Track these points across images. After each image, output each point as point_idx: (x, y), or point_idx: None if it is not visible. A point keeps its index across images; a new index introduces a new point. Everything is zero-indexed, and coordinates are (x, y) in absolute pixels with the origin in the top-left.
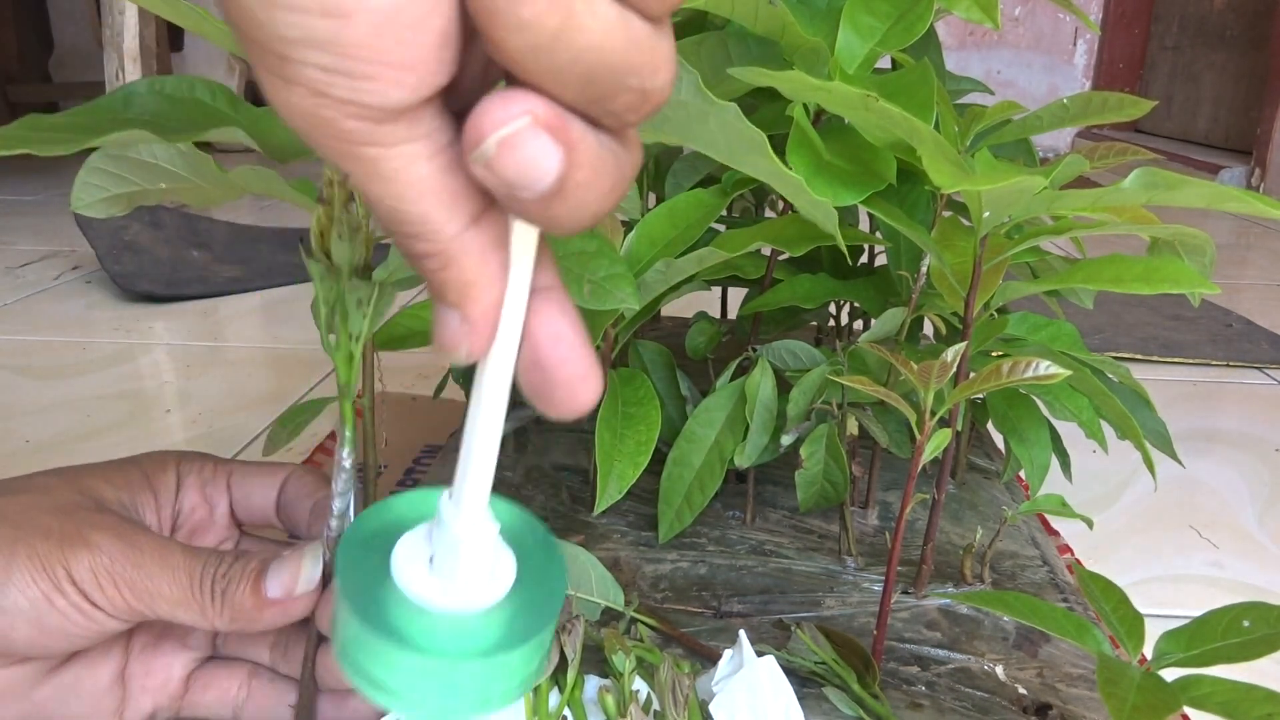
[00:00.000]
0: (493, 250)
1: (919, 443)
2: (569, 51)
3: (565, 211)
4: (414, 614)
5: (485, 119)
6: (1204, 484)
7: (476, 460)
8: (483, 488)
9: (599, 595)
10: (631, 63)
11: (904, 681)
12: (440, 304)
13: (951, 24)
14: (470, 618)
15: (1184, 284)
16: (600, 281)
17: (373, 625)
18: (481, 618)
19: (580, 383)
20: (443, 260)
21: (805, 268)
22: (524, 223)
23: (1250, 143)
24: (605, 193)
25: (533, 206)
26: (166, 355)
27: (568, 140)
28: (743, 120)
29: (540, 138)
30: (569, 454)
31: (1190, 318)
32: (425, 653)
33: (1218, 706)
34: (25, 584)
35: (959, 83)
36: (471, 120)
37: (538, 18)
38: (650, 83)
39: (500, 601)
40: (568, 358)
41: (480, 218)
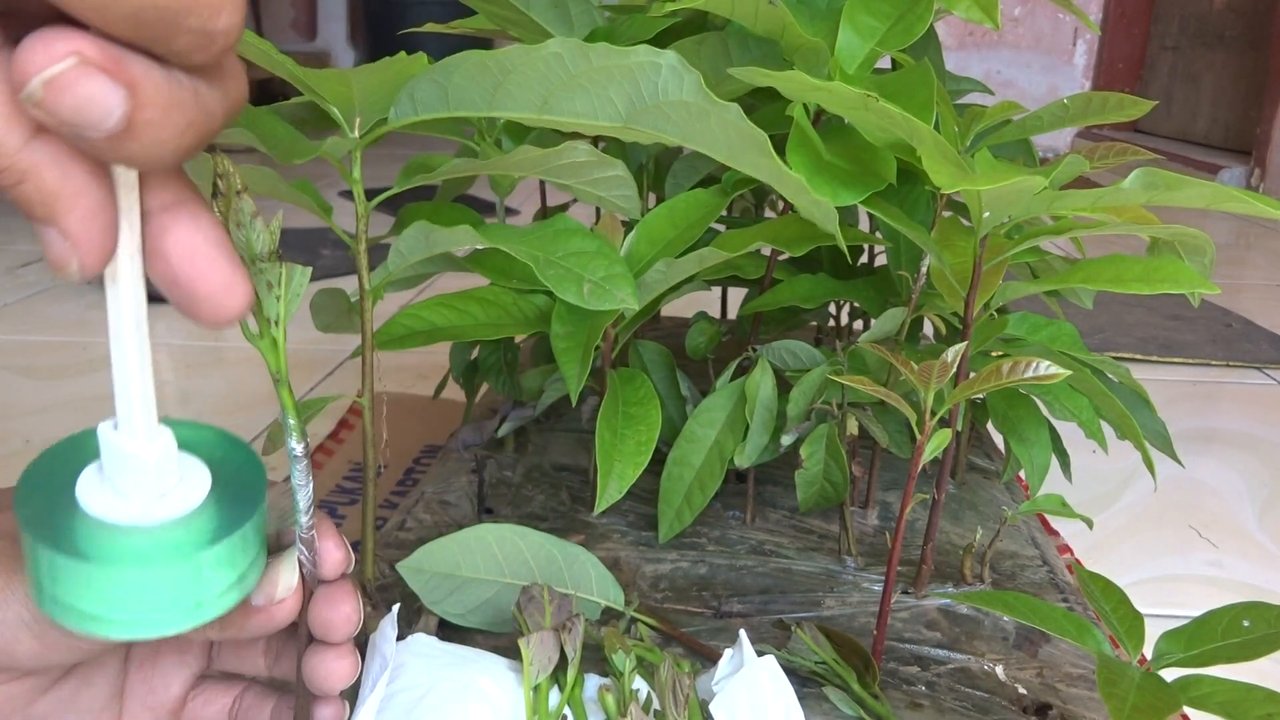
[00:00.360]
0: (72, 160)
1: (919, 443)
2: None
3: (140, 149)
4: (102, 532)
5: (28, 60)
6: (1204, 484)
7: (129, 376)
8: (142, 400)
9: (599, 595)
10: (186, 5)
11: (904, 681)
12: (34, 222)
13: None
14: (164, 526)
15: (1184, 284)
16: (600, 281)
17: (63, 550)
18: (175, 525)
19: (223, 294)
20: (14, 175)
21: (805, 268)
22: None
23: (1250, 143)
24: (184, 129)
25: (103, 145)
26: (166, 355)
27: (128, 79)
28: (745, 120)
29: (94, 78)
30: (569, 454)
31: (1190, 318)
32: (116, 564)
33: (1218, 706)
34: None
35: (959, 83)
36: (15, 60)
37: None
38: (211, 24)
39: (191, 511)
40: (205, 271)
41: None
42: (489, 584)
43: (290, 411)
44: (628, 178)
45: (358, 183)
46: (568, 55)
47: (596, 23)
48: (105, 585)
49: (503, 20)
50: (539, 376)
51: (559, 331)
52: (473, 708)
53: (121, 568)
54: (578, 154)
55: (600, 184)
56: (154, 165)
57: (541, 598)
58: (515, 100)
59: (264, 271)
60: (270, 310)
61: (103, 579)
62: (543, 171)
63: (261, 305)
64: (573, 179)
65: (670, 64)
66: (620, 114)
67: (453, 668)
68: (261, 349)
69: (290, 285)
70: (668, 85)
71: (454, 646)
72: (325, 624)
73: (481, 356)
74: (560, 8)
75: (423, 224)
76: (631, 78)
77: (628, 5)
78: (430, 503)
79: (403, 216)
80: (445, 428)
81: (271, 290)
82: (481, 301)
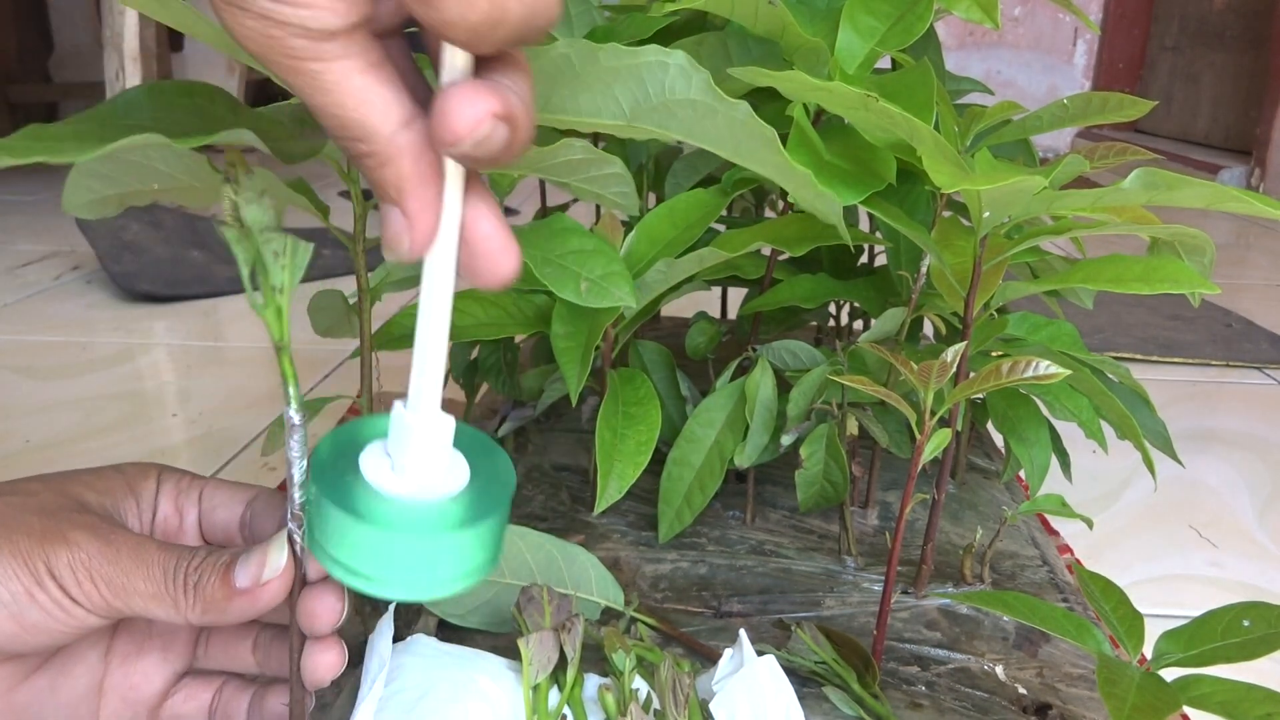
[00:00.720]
0: (425, 150)
1: (919, 443)
2: (503, 29)
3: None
4: (379, 501)
5: (457, 123)
6: (1204, 484)
7: (428, 357)
8: (434, 383)
9: (599, 595)
10: (539, 9)
11: (904, 681)
12: (383, 202)
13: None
14: (429, 504)
15: (1184, 284)
16: (597, 280)
17: (344, 509)
18: (439, 504)
19: (501, 254)
20: (380, 159)
21: (805, 268)
22: None
23: (1250, 143)
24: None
25: (484, 165)
26: (167, 355)
27: (513, 119)
28: (754, 118)
29: (501, 128)
30: (569, 454)
31: (1190, 318)
32: (389, 529)
33: (1218, 706)
34: (7, 578)
35: (959, 83)
36: (442, 120)
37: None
38: (549, 16)
39: (457, 493)
40: (489, 234)
41: (411, 122)
42: (488, 584)
43: (290, 380)
44: (625, 175)
45: (355, 182)
46: (576, 55)
47: (596, 22)
48: (372, 546)
49: None
50: (539, 376)
51: (559, 331)
52: (472, 707)
53: (390, 533)
54: (574, 151)
55: (597, 181)
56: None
57: (541, 598)
58: None
59: (270, 242)
60: (276, 279)
61: (372, 540)
62: (540, 169)
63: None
64: (570, 177)
65: (679, 63)
66: (625, 112)
67: (452, 668)
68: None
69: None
70: (675, 84)
71: (453, 646)
72: (311, 616)
73: (481, 356)
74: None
75: None
76: (638, 76)
77: (628, 5)
78: None
79: None
80: None
81: (277, 259)
82: (481, 301)
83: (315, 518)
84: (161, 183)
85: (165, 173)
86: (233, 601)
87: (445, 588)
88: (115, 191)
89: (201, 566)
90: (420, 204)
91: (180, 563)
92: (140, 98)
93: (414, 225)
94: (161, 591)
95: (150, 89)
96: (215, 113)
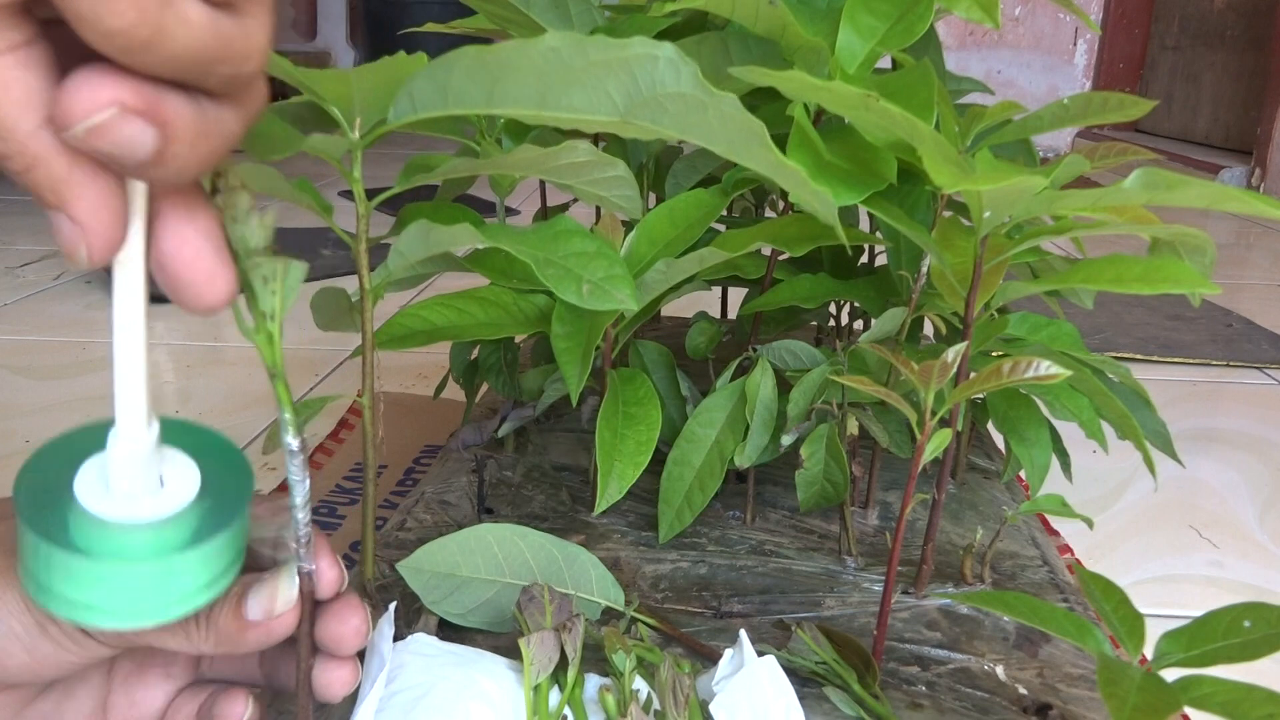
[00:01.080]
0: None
1: (919, 443)
2: (158, 54)
3: (166, 174)
4: (93, 527)
5: (73, 105)
6: (1204, 484)
7: (126, 371)
8: (136, 397)
9: (599, 595)
10: (221, 56)
11: (904, 681)
12: (45, 208)
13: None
14: (148, 525)
15: (1184, 284)
16: (599, 282)
17: (54, 541)
18: (159, 525)
19: (206, 283)
20: (26, 160)
21: (805, 268)
22: None
23: (1250, 143)
24: (209, 154)
25: (133, 172)
26: (166, 355)
27: (161, 120)
28: (743, 111)
29: (132, 122)
30: (569, 454)
31: (1190, 318)
32: (102, 558)
33: (1218, 707)
34: (20, 611)
35: (959, 83)
36: (60, 103)
37: (127, 29)
38: (241, 69)
39: (178, 511)
40: (192, 260)
41: None
42: (489, 584)
43: (286, 406)
44: (628, 177)
45: (358, 182)
46: (564, 49)
47: (596, 22)
48: (89, 576)
49: (502, 20)
50: (539, 376)
51: (559, 331)
52: (473, 707)
53: (106, 562)
54: (578, 153)
55: (600, 184)
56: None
57: (542, 598)
58: (513, 96)
59: (259, 266)
60: (266, 304)
61: (87, 570)
62: (543, 171)
63: (257, 299)
64: (573, 179)
65: (668, 56)
66: (618, 108)
67: (453, 667)
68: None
69: (286, 280)
70: (665, 77)
71: (454, 646)
72: (336, 639)
73: (481, 356)
74: (560, 8)
75: (423, 223)
76: (628, 70)
77: (628, 5)
78: (430, 503)
79: (403, 216)
80: (445, 428)
81: (267, 284)
82: (481, 301)
83: (25, 550)
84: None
85: None
86: (246, 634)
87: (177, 609)
88: None
89: None
90: (89, 207)
91: None
92: None
93: (88, 231)
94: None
95: None
96: None
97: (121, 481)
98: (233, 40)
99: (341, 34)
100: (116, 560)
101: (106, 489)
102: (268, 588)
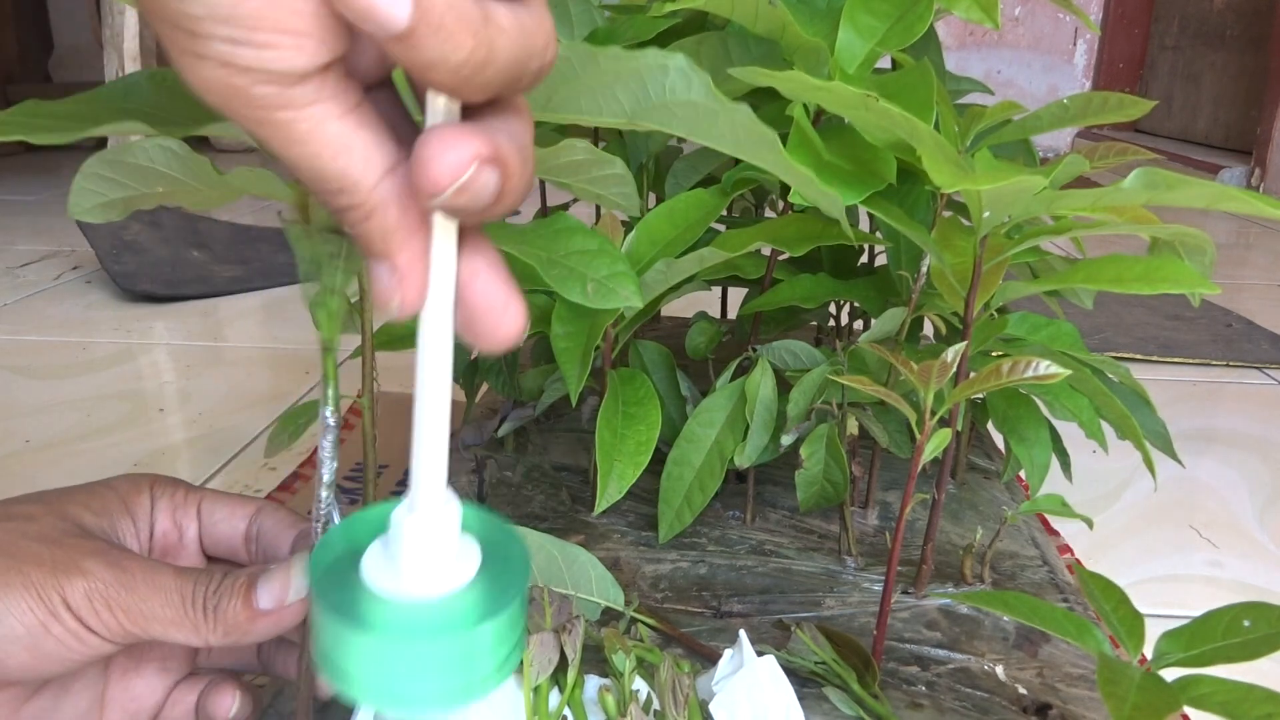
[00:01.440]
0: (411, 198)
1: (919, 443)
2: (491, 71)
3: (503, 210)
4: (380, 605)
5: (441, 170)
6: (1204, 484)
7: (427, 436)
8: (437, 467)
9: (599, 595)
10: (531, 52)
11: (904, 681)
12: (370, 257)
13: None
14: (433, 603)
15: (1184, 284)
16: (603, 280)
17: (342, 616)
18: (444, 603)
19: (502, 313)
20: (364, 211)
21: (805, 268)
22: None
23: (1250, 143)
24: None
25: (475, 216)
26: (166, 355)
27: (500, 158)
28: (755, 120)
29: (486, 171)
30: (569, 454)
31: (1190, 318)
32: (387, 636)
33: (1218, 706)
34: (22, 611)
35: (959, 83)
36: (425, 169)
37: (469, 57)
38: (544, 59)
39: (464, 588)
40: (487, 291)
41: (395, 169)
42: None
43: (331, 380)
44: (627, 175)
45: None
46: (576, 59)
47: (596, 23)
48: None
49: None
50: (539, 376)
51: (559, 331)
52: (472, 707)
53: (389, 640)
54: (576, 152)
55: (599, 182)
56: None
57: (541, 598)
58: None
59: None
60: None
61: (373, 649)
62: (542, 170)
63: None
64: (571, 177)
65: (679, 66)
66: (625, 111)
67: None
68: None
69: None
70: (675, 86)
71: None
72: None
73: (481, 356)
74: (560, 7)
75: None
76: (639, 79)
77: (628, 5)
78: None
79: None
80: None
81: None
82: None
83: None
84: (166, 185)
85: (168, 175)
86: (256, 624)
87: (464, 694)
88: (121, 195)
89: (220, 590)
90: (410, 257)
91: (199, 587)
92: (142, 83)
93: (404, 281)
94: (180, 616)
95: (152, 75)
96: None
97: (412, 555)
98: (534, 33)
99: None
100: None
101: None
102: (279, 576)
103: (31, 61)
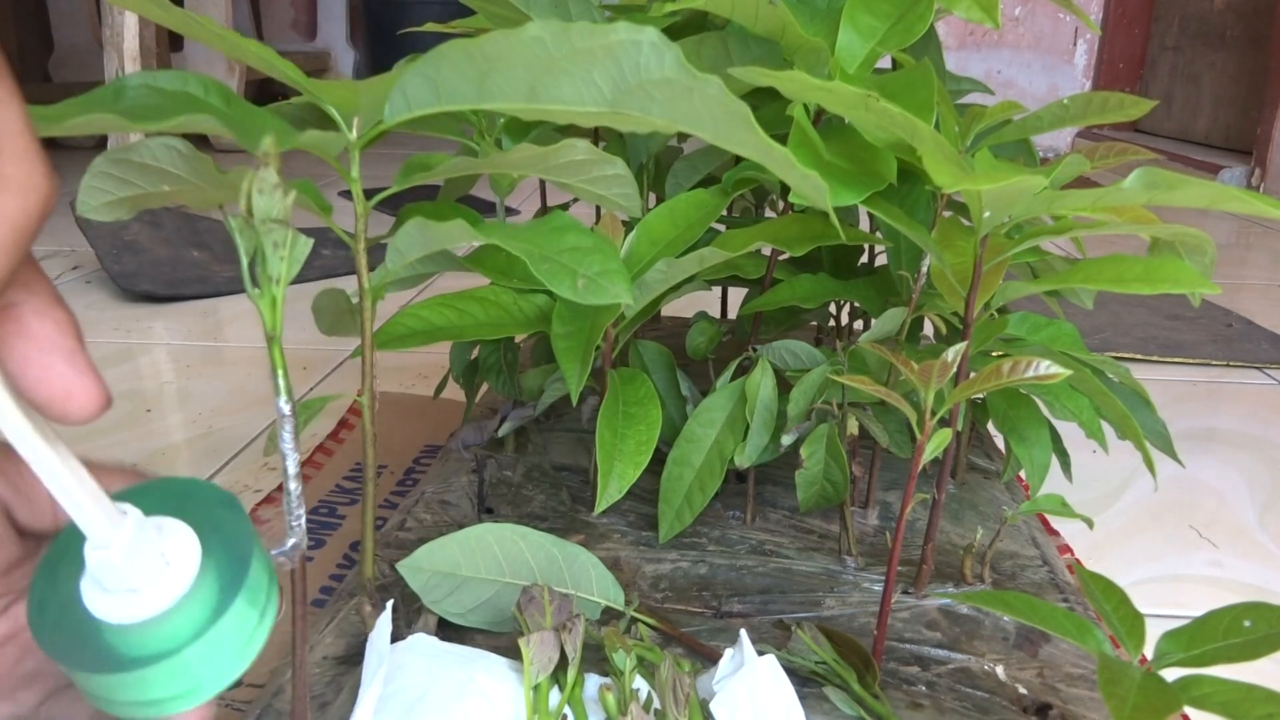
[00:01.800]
0: None
1: (919, 443)
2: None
3: None
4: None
5: None
6: (1204, 484)
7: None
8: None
9: (599, 595)
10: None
11: (904, 681)
12: None
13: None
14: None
15: (1184, 284)
16: (594, 277)
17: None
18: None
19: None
20: None
21: (805, 268)
22: None
23: (1250, 143)
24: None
25: None
26: (166, 355)
27: None
28: (726, 94)
29: None
30: (569, 454)
31: (1190, 318)
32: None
33: (1218, 706)
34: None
35: (959, 83)
36: None
37: None
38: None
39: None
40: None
41: None
42: (489, 584)
43: (279, 370)
44: (627, 176)
45: (356, 182)
46: (549, 37)
47: (597, 23)
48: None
49: (502, 20)
50: (539, 376)
51: (559, 331)
52: (473, 707)
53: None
54: (576, 152)
55: (600, 182)
56: None
57: (542, 598)
58: (503, 90)
59: (273, 231)
60: (274, 269)
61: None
62: (541, 170)
63: (266, 263)
64: (572, 177)
65: (650, 40)
66: (606, 97)
67: (452, 667)
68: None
69: (294, 249)
70: (649, 62)
71: (454, 646)
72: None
73: (481, 356)
74: (560, 7)
75: (419, 220)
76: (613, 57)
77: (628, 5)
78: (430, 503)
79: (402, 216)
80: (445, 428)
81: (276, 250)
82: (481, 301)
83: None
84: (171, 184)
85: (173, 174)
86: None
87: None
88: (127, 194)
89: None
90: None
91: None
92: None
93: None
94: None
95: (145, 76)
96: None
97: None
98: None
99: (342, 34)
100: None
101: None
102: None
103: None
